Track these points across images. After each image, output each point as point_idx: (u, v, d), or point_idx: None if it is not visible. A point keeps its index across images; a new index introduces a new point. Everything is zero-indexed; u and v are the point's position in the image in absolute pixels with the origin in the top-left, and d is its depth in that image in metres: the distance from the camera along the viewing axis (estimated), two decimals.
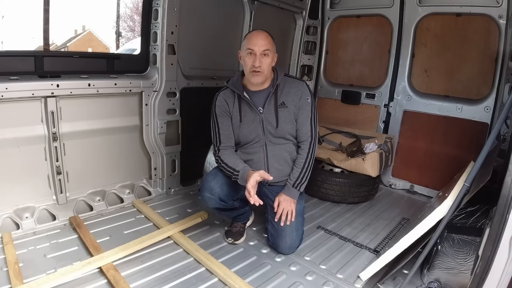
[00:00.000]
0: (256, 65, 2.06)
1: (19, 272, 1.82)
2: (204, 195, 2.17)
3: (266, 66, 2.10)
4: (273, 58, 2.16)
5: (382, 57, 3.67)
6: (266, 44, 2.08)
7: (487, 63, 3.07)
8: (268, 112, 2.20)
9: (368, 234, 2.60)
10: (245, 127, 2.22)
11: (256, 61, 2.06)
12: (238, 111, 2.22)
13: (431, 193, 3.37)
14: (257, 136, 2.23)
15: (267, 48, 2.08)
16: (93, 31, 24.38)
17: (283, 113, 2.20)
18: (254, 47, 2.07)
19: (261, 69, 2.08)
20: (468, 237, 1.95)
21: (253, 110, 2.20)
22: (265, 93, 2.21)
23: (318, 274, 2.07)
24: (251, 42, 2.09)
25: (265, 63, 2.08)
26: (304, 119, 2.22)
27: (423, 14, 3.35)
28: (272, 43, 2.13)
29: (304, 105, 2.21)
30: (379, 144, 3.27)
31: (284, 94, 2.21)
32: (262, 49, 2.06)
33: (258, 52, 2.06)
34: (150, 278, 1.92)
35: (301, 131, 2.24)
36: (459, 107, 3.20)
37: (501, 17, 2.93)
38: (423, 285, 1.96)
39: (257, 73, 2.09)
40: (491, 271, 1.43)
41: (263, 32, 2.13)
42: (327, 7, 4.03)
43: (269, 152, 2.24)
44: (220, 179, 2.18)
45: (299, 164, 2.22)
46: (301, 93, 2.21)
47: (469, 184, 1.72)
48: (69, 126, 2.48)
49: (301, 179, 2.19)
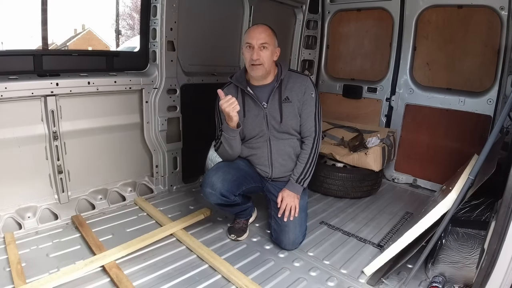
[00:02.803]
0: (254, 58, 2.05)
1: (22, 272, 1.81)
2: (205, 190, 2.16)
3: (266, 59, 2.08)
4: (274, 51, 2.14)
5: (383, 50, 3.64)
6: (264, 37, 2.07)
7: (489, 55, 3.04)
8: (272, 107, 2.19)
9: (371, 229, 2.59)
10: (248, 122, 2.21)
11: (253, 54, 2.05)
12: (242, 106, 2.20)
13: (434, 186, 3.35)
14: (261, 131, 2.22)
15: (265, 41, 2.07)
16: (92, 30, 24.37)
17: (287, 108, 2.19)
18: (251, 40, 2.07)
19: (260, 61, 2.07)
20: (472, 231, 1.94)
21: (257, 105, 2.19)
22: (269, 88, 2.20)
23: (322, 270, 2.06)
24: (249, 36, 2.09)
25: (263, 55, 2.07)
26: (308, 114, 2.21)
27: (424, 6, 3.31)
28: (271, 36, 2.12)
29: (308, 100, 2.20)
30: (381, 138, 3.25)
31: (288, 89, 2.20)
32: (260, 42, 2.06)
33: (256, 45, 2.05)
34: (153, 275, 1.92)
35: (305, 126, 2.23)
36: (462, 99, 3.17)
37: (503, 8, 2.90)
38: (427, 279, 1.95)
39: (256, 66, 2.08)
40: (497, 265, 1.41)
41: (262, 26, 2.13)
42: (327, 1, 3.99)
43: (273, 147, 2.24)
44: (221, 175, 2.17)
45: (302, 159, 2.21)
46: (305, 88, 2.20)
47: (474, 177, 1.71)
48: (69, 124, 2.47)
49: (304, 174, 2.19)
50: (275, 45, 2.15)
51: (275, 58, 2.18)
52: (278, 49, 2.18)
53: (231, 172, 2.20)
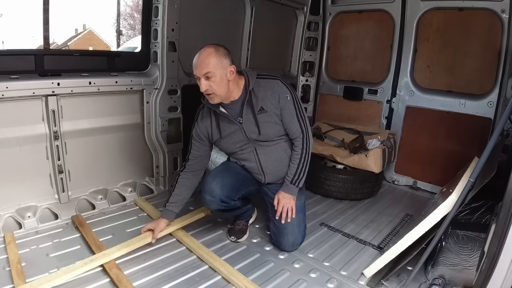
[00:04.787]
0: (202, 90, 1.96)
1: (22, 272, 1.81)
2: (205, 198, 2.14)
3: (216, 87, 1.94)
4: (224, 75, 1.94)
5: (384, 52, 3.64)
6: (206, 66, 1.90)
7: (490, 58, 3.04)
8: (247, 120, 2.09)
9: (371, 231, 2.59)
10: (227, 140, 2.16)
11: (201, 85, 1.95)
12: (217, 127, 2.15)
13: (434, 189, 3.35)
14: (244, 144, 2.17)
15: (208, 71, 1.90)
16: (93, 30, 24.43)
17: (264, 118, 2.09)
18: (195, 71, 1.94)
19: (211, 91, 1.95)
20: (472, 233, 1.94)
21: (232, 122, 2.10)
22: (239, 103, 2.08)
23: (322, 271, 2.06)
24: (193, 66, 1.95)
25: (211, 84, 1.93)
26: (290, 117, 2.12)
27: (425, 8, 3.32)
28: (216, 60, 1.91)
29: (286, 104, 2.09)
30: (381, 140, 3.26)
31: (260, 99, 2.08)
32: (203, 72, 1.91)
33: (200, 76, 1.93)
34: (153, 276, 1.91)
35: (290, 130, 2.15)
36: (462, 102, 3.17)
37: (504, 11, 2.90)
38: (427, 281, 1.94)
39: (209, 95, 1.98)
40: (497, 268, 1.41)
41: (205, 50, 1.93)
42: (329, 3, 4.00)
43: (261, 156, 2.19)
44: (220, 180, 2.15)
45: (294, 160, 2.16)
46: (278, 93, 2.07)
47: (474, 180, 1.71)
48: (70, 124, 2.47)
49: (298, 174, 2.15)
50: (224, 67, 1.94)
51: (231, 78, 1.98)
52: (231, 67, 1.97)
53: (229, 177, 2.19)
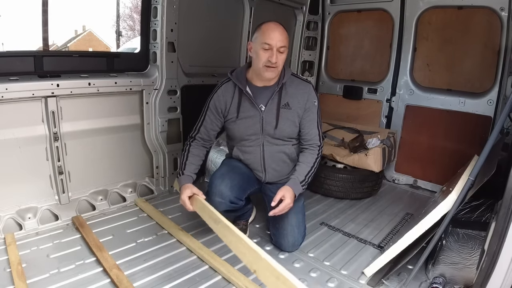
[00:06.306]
0: (273, 61, 1.94)
1: (22, 273, 1.81)
2: (214, 200, 2.06)
3: (282, 62, 2.00)
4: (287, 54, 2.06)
5: (384, 51, 3.64)
6: (283, 40, 1.96)
7: (489, 56, 3.04)
8: (270, 111, 2.11)
9: (371, 230, 2.59)
10: (242, 122, 2.13)
11: (273, 56, 1.93)
12: (237, 106, 2.12)
13: (435, 187, 3.35)
14: (255, 134, 2.16)
15: (285, 45, 1.97)
16: (93, 31, 24.42)
17: (285, 114, 2.12)
18: (271, 41, 1.93)
19: (277, 65, 1.97)
20: (473, 232, 1.93)
21: (254, 107, 2.11)
22: (269, 91, 2.11)
23: (322, 271, 2.06)
24: (269, 36, 1.94)
25: (280, 59, 1.98)
26: (311, 122, 2.15)
27: (424, 7, 3.32)
28: (288, 39, 2.01)
29: (311, 108, 2.14)
30: (381, 139, 3.26)
31: (289, 95, 2.12)
32: (280, 44, 1.94)
33: (275, 47, 1.94)
34: (153, 276, 1.91)
35: (308, 134, 2.16)
36: (462, 100, 3.17)
37: (503, 9, 2.90)
38: (428, 280, 1.95)
39: (272, 69, 1.98)
40: (497, 266, 1.41)
41: (280, 26, 1.99)
42: (328, 2, 3.99)
43: (266, 153, 2.19)
44: (228, 182, 2.11)
45: (309, 162, 2.13)
46: (308, 95, 2.13)
47: (474, 178, 1.71)
48: (70, 125, 2.47)
49: (307, 177, 2.12)
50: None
51: None
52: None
53: (236, 178, 2.16)
